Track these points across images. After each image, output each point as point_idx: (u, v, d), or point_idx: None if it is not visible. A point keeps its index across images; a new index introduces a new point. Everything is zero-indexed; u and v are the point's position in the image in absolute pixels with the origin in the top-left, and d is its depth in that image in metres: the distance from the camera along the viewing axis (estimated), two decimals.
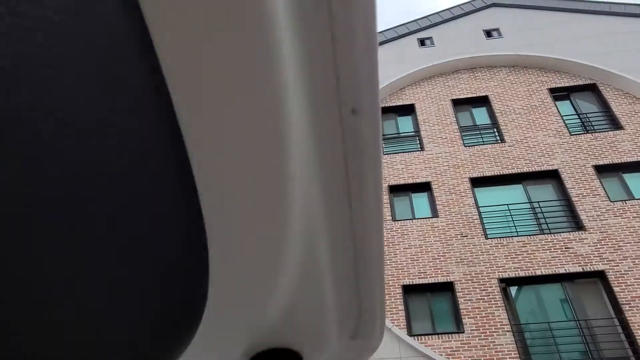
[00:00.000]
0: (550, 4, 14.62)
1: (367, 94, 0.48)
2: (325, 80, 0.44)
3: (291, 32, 0.39)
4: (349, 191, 0.55)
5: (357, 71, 0.45)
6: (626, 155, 11.00)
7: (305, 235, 0.55)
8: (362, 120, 0.49)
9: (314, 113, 0.46)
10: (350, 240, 0.61)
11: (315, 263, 0.60)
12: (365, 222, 0.60)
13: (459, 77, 13.55)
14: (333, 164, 0.53)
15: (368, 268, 0.67)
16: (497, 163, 11.40)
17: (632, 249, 9.53)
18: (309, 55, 0.41)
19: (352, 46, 0.42)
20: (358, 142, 0.51)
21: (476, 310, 9.25)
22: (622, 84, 12.30)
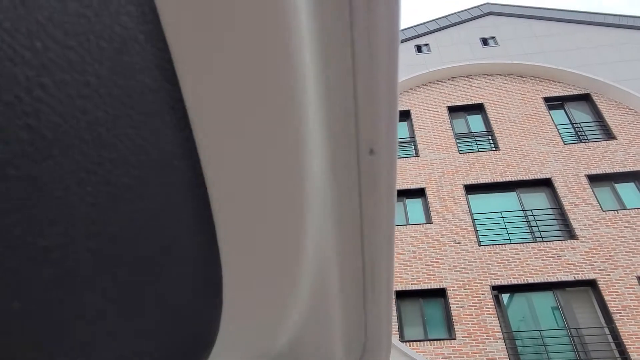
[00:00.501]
0: (546, 14, 14.75)
1: (385, 135, 0.47)
2: (344, 119, 0.44)
3: (314, 68, 0.39)
4: (362, 229, 0.54)
5: (377, 111, 0.44)
6: (619, 165, 11.10)
7: (317, 271, 0.55)
8: (379, 161, 0.48)
9: (332, 152, 0.46)
10: (360, 274, 0.61)
11: (325, 296, 0.60)
12: (376, 259, 0.59)
13: (455, 84, 13.63)
14: (347, 204, 0.52)
15: (377, 299, 0.67)
16: (491, 170, 11.46)
17: (623, 258, 9.60)
18: (330, 92, 0.41)
19: (373, 86, 0.42)
20: (374, 184, 0.50)
21: (468, 317, 9.28)
22: (616, 94, 12.43)
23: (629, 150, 11.32)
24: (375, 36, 0.39)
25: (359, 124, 0.44)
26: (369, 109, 0.43)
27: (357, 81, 0.41)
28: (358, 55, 0.39)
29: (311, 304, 0.58)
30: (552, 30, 14.27)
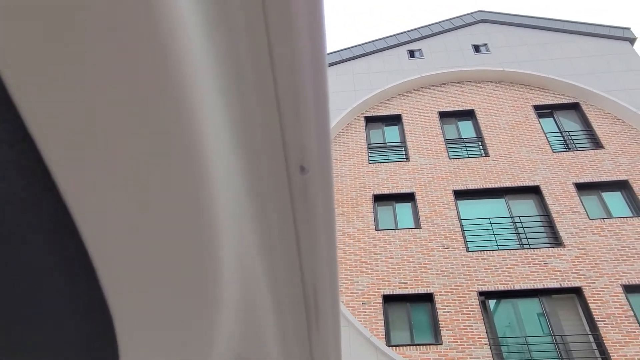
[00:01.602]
0: (537, 23, 14.90)
1: (317, 150, 0.43)
2: (268, 137, 0.40)
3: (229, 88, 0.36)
4: (300, 255, 0.51)
5: (305, 126, 0.40)
6: (606, 174, 11.22)
7: (245, 307, 0.51)
8: (312, 178, 0.44)
9: (251, 170, 0.42)
10: (301, 303, 0.57)
11: (259, 331, 0.56)
12: (318, 286, 0.55)
13: (447, 90, 13.70)
14: (279, 230, 0.48)
15: (322, 327, 0.63)
16: (481, 176, 11.52)
17: (608, 266, 9.70)
18: (251, 111, 0.38)
19: (298, 101, 0.38)
20: (308, 205, 0.46)
21: (455, 322, 9.30)
22: (605, 104, 12.58)
23: (616, 159, 11.45)
24: (296, 50, 0.36)
25: (285, 140, 0.41)
26: (294, 122, 0.40)
27: (280, 97, 0.38)
28: (278, 70, 0.36)
29: (242, 343, 0.54)
30: (543, 39, 14.42)
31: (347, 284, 9.99)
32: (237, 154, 0.40)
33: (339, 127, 12.92)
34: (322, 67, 0.37)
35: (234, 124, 0.39)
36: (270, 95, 0.38)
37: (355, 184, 11.70)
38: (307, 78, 0.37)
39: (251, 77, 0.37)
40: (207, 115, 0.35)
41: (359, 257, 10.37)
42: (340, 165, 12.11)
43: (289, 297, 0.56)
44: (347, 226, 10.91)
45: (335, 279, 0.55)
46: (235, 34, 0.35)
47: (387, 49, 14.75)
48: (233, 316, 0.50)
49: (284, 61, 0.36)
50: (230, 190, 0.40)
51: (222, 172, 0.38)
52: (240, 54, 0.35)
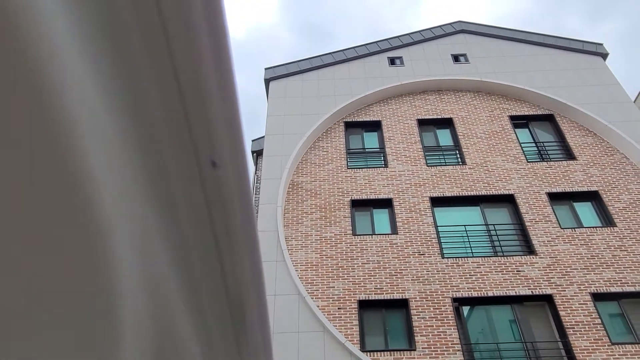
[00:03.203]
0: (515, 35, 15.24)
1: (228, 145, 0.41)
2: (173, 130, 0.38)
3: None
4: (221, 262, 0.47)
5: (212, 117, 0.39)
6: (578, 184, 11.51)
7: (159, 324, 0.47)
8: (225, 173, 0.42)
9: (156, 168, 0.39)
10: (227, 314, 0.53)
11: (177, 348, 0.53)
12: (242, 291, 0.51)
13: (426, 98, 13.87)
14: (193, 225, 0.44)
15: (252, 352, 0.59)
16: (457, 184, 11.68)
17: (578, 275, 9.93)
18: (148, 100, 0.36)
19: (201, 91, 0.37)
20: (223, 200, 0.44)
21: (429, 328, 9.37)
22: (578, 116, 12.92)
23: (588, 170, 11.76)
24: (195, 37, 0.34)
25: (193, 133, 0.39)
26: (200, 116, 0.38)
27: (182, 87, 0.36)
28: (178, 60, 0.35)
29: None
30: (520, 51, 14.75)
31: (323, 288, 9.97)
32: (137, 151, 0.38)
33: (318, 131, 12.93)
34: (225, 53, 0.36)
35: (131, 118, 0.36)
36: (172, 86, 0.36)
37: (334, 189, 11.71)
38: (209, 66, 0.36)
39: (148, 67, 0.35)
40: (89, 113, 0.33)
41: (335, 262, 10.37)
42: (319, 170, 12.11)
43: (212, 303, 0.53)
44: (325, 231, 10.91)
45: (261, 280, 0.52)
46: (126, 21, 0.33)
47: (368, 55, 14.85)
48: (140, 325, 0.46)
49: (183, 49, 0.34)
50: (126, 193, 0.38)
51: (113, 175, 0.36)
52: (134, 42, 0.34)
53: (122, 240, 0.38)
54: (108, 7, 0.32)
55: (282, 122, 12.85)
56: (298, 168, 12.16)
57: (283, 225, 10.93)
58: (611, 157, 12.02)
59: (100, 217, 0.36)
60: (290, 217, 11.18)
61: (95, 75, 0.33)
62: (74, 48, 0.32)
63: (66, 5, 0.31)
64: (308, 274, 10.20)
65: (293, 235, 10.85)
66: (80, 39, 0.32)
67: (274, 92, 13.90)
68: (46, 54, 0.30)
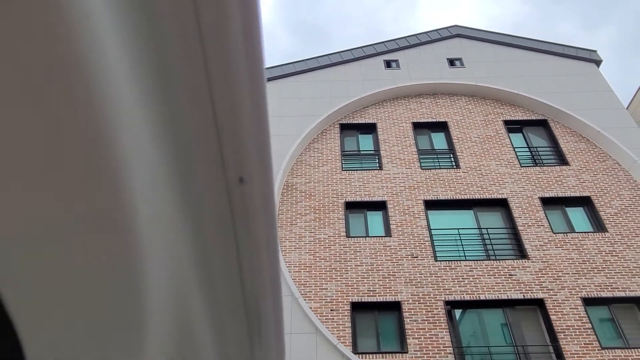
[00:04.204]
0: (511, 40, 15.34)
1: (256, 163, 0.42)
2: (205, 147, 0.39)
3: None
4: (241, 269, 0.49)
5: (243, 136, 0.40)
6: (570, 190, 11.60)
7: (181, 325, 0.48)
8: (251, 189, 0.43)
9: (187, 182, 0.40)
10: (243, 322, 0.55)
11: (195, 346, 0.54)
12: (261, 304, 0.53)
13: (421, 101, 13.92)
14: (218, 240, 0.46)
15: (265, 346, 0.61)
16: (451, 188, 11.73)
17: (569, 279, 10.00)
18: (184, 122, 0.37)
19: (234, 112, 0.38)
20: (248, 214, 0.45)
21: (421, 331, 9.39)
22: (571, 122, 13.03)
23: (580, 176, 11.86)
24: (232, 58, 0.35)
25: (223, 151, 0.40)
26: (232, 134, 0.39)
27: (216, 107, 0.37)
28: (214, 79, 0.35)
29: (175, 355, 0.52)
30: (515, 56, 14.85)
31: (316, 290, 9.97)
32: (170, 164, 0.38)
33: (314, 132, 12.94)
34: (259, 76, 0.37)
35: (166, 134, 0.37)
36: (206, 105, 0.37)
37: (328, 191, 11.72)
38: (244, 87, 0.36)
39: (185, 87, 0.35)
40: (129, 126, 0.34)
41: (329, 263, 10.37)
42: (314, 171, 12.12)
43: (230, 310, 0.54)
44: (318, 232, 10.91)
45: (278, 290, 0.54)
46: (168, 44, 0.34)
47: (365, 57, 14.89)
48: (163, 332, 0.47)
49: (219, 70, 0.35)
50: (158, 201, 0.39)
51: (147, 183, 0.36)
52: (173, 61, 0.34)
53: (154, 251, 0.39)
54: (152, 29, 0.33)
55: (278, 123, 12.84)
56: (293, 169, 12.16)
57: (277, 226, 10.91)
58: (603, 163, 12.13)
59: (136, 224, 0.37)
60: (284, 218, 11.17)
61: (137, 91, 0.34)
62: (123, 71, 0.32)
63: (118, 34, 0.32)
64: (301, 275, 10.20)
65: (287, 236, 10.85)
66: (128, 60, 0.32)
67: (270, 93, 13.89)
68: (99, 75, 0.30)
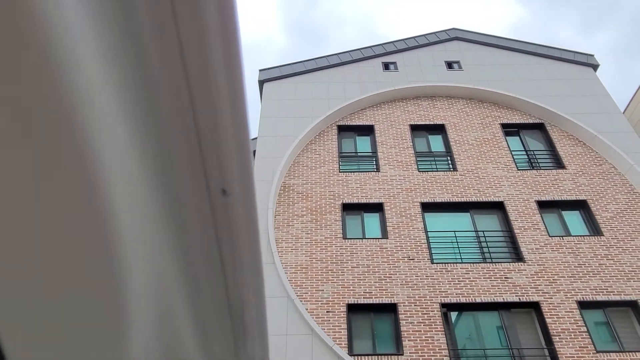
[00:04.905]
0: (508, 44, 15.39)
1: (238, 174, 0.42)
2: (187, 160, 0.40)
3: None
4: (225, 278, 0.49)
5: (225, 148, 0.40)
6: (566, 193, 11.63)
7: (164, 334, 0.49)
8: (234, 201, 0.44)
9: (169, 193, 0.41)
10: (228, 331, 0.55)
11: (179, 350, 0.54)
12: (246, 313, 0.53)
13: (419, 104, 13.95)
14: (202, 250, 0.46)
15: (249, 352, 0.61)
16: (448, 190, 11.75)
17: (565, 283, 10.02)
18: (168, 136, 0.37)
19: (214, 121, 0.38)
20: (231, 225, 0.45)
21: (417, 333, 9.40)
22: (568, 126, 13.08)
23: (577, 180, 11.90)
24: (211, 67, 0.35)
25: (206, 163, 0.40)
26: (213, 146, 0.39)
27: (198, 121, 0.37)
28: (195, 89, 0.36)
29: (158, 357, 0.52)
30: (513, 59, 14.89)
31: (313, 291, 9.96)
32: (152, 174, 0.39)
33: (311, 134, 12.94)
34: (239, 88, 0.37)
35: (149, 144, 0.37)
36: (188, 120, 0.37)
37: (325, 192, 11.72)
38: (224, 99, 0.36)
39: (166, 98, 0.35)
40: (110, 135, 0.34)
41: (325, 265, 10.37)
42: (311, 173, 12.12)
43: (214, 314, 0.55)
44: (315, 234, 10.91)
45: (262, 297, 0.54)
46: (148, 52, 0.34)
47: (363, 60, 14.91)
48: (146, 336, 0.47)
49: (200, 81, 0.35)
50: (141, 210, 0.39)
51: (129, 193, 0.37)
52: (151, 61, 0.35)
53: (137, 258, 0.39)
54: (129, 27, 0.33)
55: (275, 124, 12.84)
56: (290, 170, 12.16)
57: (274, 227, 10.92)
58: (600, 167, 12.17)
59: (116, 230, 0.37)
60: (281, 219, 11.17)
61: (119, 101, 0.34)
62: (100, 71, 0.32)
63: (91, 23, 0.32)
64: (297, 277, 10.19)
65: (283, 237, 10.84)
66: (103, 59, 0.33)
67: (268, 94, 13.90)
68: (71, 71, 0.30)
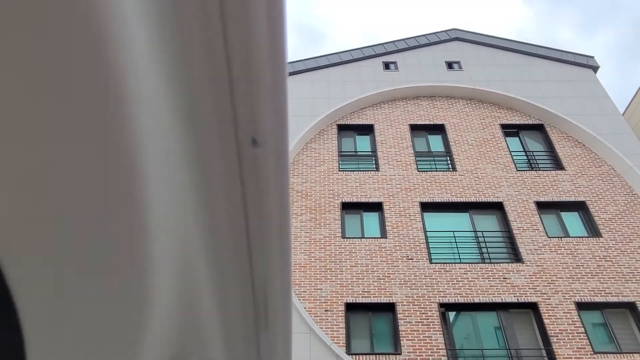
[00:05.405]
0: (508, 45, 15.39)
1: (272, 123, 0.38)
2: (215, 103, 0.35)
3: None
4: (249, 241, 0.44)
5: (259, 92, 0.35)
6: (565, 194, 11.65)
7: (185, 307, 0.46)
8: (265, 153, 0.39)
9: (194, 140, 0.36)
10: (250, 304, 0.52)
11: (199, 331, 0.52)
12: (269, 287, 0.49)
13: (419, 104, 13.94)
14: (226, 213, 0.42)
15: (272, 329, 0.58)
16: (447, 190, 11.75)
17: (563, 284, 10.04)
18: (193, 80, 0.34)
19: (251, 61, 0.34)
20: (259, 181, 0.41)
21: (415, 332, 9.40)
22: (567, 127, 13.09)
23: (575, 181, 11.91)
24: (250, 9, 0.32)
25: (235, 109, 0.36)
26: (246, 89, 0.35)
27: (230, 59, 0.33)
28: (230, 30, 0.32)
29: (179, 343, 0.49)
30: (513, 60, 14.90)
31: (311, 290, 9.96)
32: (178, 124, 0.35)
33: (311, 133, 12.93)
34: (279, 30, 0.33)
35: (177, 86, 0.34)
36: (220, 57, 0.33)
37: (325, 191, 11.71)
38: (262, 39, 0.33)
39: (198, 38, 0.32)
40: (141, 80, 0.32)
41: (324, 264, 10.37)
42: (311, 172, 12.11)
43: (237, 294, 0.51)
44: (314, 232, 10.90)
45: (288, 272, 0.50)
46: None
47: (363, 59, 14.90)
48: (167, 316, 0.45)
49: (236, 21, 0.32)
50: (168, 170, 0.36)
51: (154, 147, 0.33)
52: (186, 7, 0.32)
53: (160, 220, 0.36)
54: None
55: None
56: (290, 169, 12.14)
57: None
58: (599, 168, 12.19)
59: (140, 191, 0.34)
60: None
61: (148, 44, 0.32)
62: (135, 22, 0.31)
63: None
64: (296, 275, 10.18)
65: None
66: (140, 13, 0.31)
67: None
68: (109, 35, 0.28)
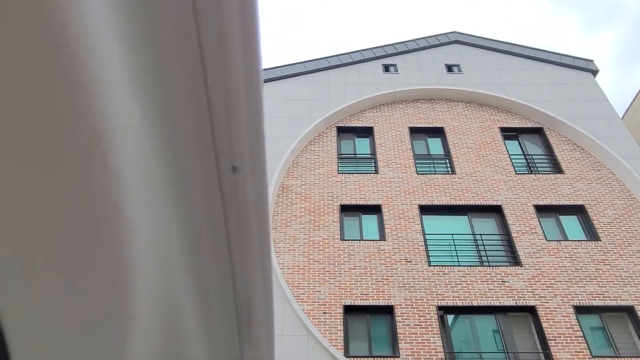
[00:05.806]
0: (508, 48, 15.42)
1: (249, 151, 0.40)
2: (198, 135, 0.37)
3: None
4: (232, 259, 0.47)
5: (237, 123, 0.38)
6: (564, 198, 11.65)
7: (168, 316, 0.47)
8: (244, 179, 0.41)
9: (177, 169, 0.39)
10: (233, 316, 0.53)
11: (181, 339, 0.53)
12: (252, 299, 0.50)
13: (418, 107, 13.96)
14: (209, 230, 0.44)
15: (255, 341, 0.59)
16: (446, 193, 11.76)
17: (562, 287, 10.04)
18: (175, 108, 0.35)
19: (229, 91, 0.36)
20: (240, 204, 0.43)
21: (413, 335, 9.39)
22: (566, 131, 13.10)
23: (574, 184, 11.92)
24: (227, 42, 0.33)
25: (216, 138, 0.38)
26: (225, 119, 0.37)
27: (210, 93, 0.36)
28: (209, 64, 0.34)
29: (161, 349, 0.50)
30: (513, 64, 14.93)
31: (309, 292, 9.95)
32: (160, 151, 0.37)
33: (310, 135, 12.94)
34: (255, 64, 0.35)
35: (159, 119, 0.35)
36: (200, 91, 0.35)
37: (324, 193, 11.72)
38: (239, 72, 0.35)
39: (178, 70, 0.34)
40: (120, 111, 0.32)
41: (322, 266, 10.36)
42: (310, 174, 12.12)
43: (220, 303, 0.53)
44: (313, 234, 10.90)
45: (269, 283, 0.52)
46: (163, 30, 0.32)
47: (363, 61, 14.92)
48: (151, 329, 0.46)
49: (214, 54, 0.33)
50: (150, 190, 0.37)
51: (137, 170, 0.35)
52: (167, 43, 0.33)
53: (141, 240, 0.38)
54: (146, 14, 0.32)
55: (274, 125, 12.83)
56: (288, 171, 12.15)
57: (271, 228, 10.91)
58: (598, 172, 12.20)
59: (123, 213, 0.35)
60: (279, 219, 11.16)
61: (130, 76, 0.33)
62: (113, 47, 0.31)
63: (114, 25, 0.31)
64: (294, 278, 10.18)
65: (281, 238, 10.83)
66: (120, 45, 0.31)
67: (268, 94, 13.89)
68: (88, 55, 0.29)
